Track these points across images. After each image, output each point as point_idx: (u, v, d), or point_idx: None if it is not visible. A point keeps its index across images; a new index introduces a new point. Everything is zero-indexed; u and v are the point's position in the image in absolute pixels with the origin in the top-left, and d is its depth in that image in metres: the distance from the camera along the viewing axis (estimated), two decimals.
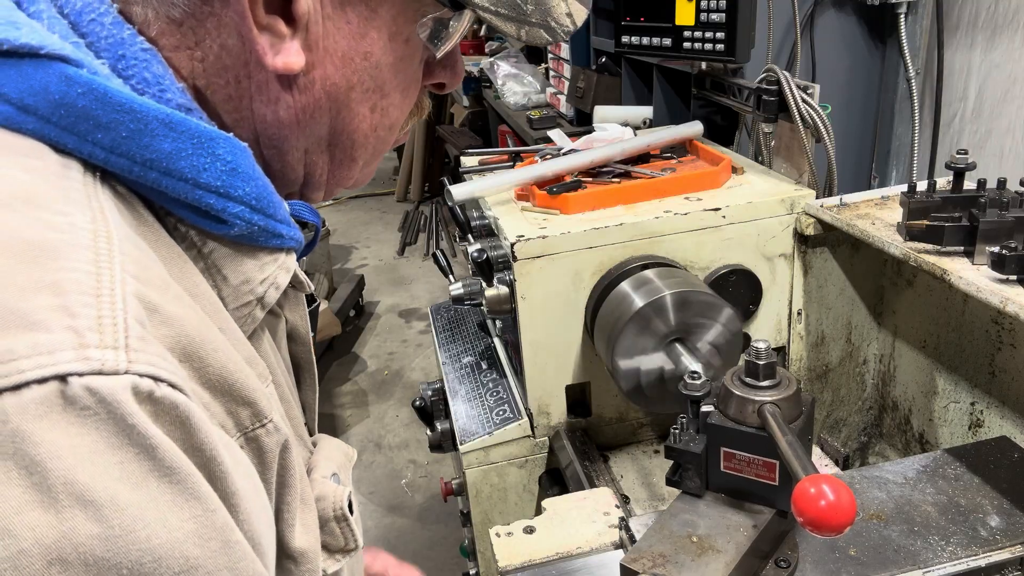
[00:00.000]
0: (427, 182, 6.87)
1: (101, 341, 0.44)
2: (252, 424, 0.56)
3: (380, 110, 0.69)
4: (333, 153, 0.70)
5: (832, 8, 1.95)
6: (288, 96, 0.63)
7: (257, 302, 0.63)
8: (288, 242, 0.65)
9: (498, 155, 1.85)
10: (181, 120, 0.55)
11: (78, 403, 0.42)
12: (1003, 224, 1.04)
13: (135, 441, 0.43)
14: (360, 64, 0.65)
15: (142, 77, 0.56)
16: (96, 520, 0.41)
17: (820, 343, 1.51)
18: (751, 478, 0.90)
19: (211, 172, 0.57)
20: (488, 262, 1.48)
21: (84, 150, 0.53)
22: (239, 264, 0.62)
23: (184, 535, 0.45)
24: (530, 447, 1.46)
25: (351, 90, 0.66)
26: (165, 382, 0.46)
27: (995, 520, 0.95)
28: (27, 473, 0.40)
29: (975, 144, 1.98)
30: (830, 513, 0.68)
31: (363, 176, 0.76)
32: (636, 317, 1.19)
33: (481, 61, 4.85)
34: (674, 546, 0.88)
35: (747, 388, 0.89)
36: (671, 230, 1.35)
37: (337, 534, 0.76)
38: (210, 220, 0.59)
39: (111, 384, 0.43)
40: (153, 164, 0.55)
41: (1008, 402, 1.24)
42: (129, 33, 0.57)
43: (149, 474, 0.44)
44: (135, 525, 0.43)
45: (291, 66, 0.61)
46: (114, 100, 0.53)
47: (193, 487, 0.46)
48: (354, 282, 4.83)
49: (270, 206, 0.62)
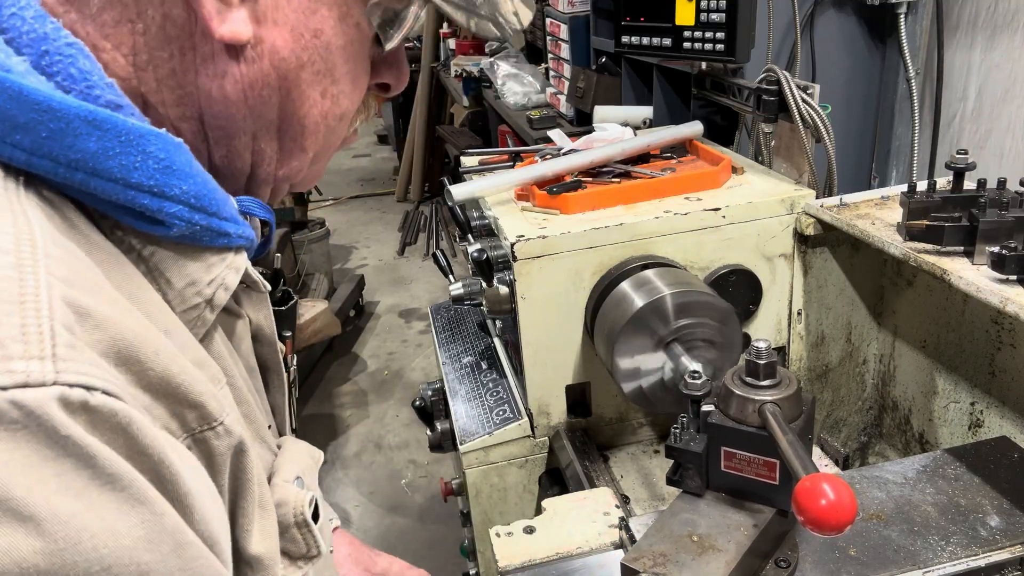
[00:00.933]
0: (427, 182, 6.87)
1: (26, 351, 0.42)
2: (200, 426, 0.55)
3: (331, 97, 0.68)
4: (282, 140, 0.67)
5: (832, 8, 1.95)
6: (235, 68, 0.61)
7: (206, 304, 0.61)
8: (236, 240, 0.63)
9: (498, 155, 1.85)
10: (106, 117, 0.53)
11: (5, 418, 0.41)
12: (1003, 224, 1.04)
13: (71, 452, 0.42)
14: (310, 41, 0.64)
15: (68, 73, 0.53)
16: (37, 534, 0.40)
17: (820, 343, 1.51)
18: (752, 477, 0.90)
19: (142, 171, 0.55)
20: (488, 262, 1.48)
21: (3, 153, 0.51)
22: (182, 267, 0.60)
23: (133, 541, 0.44)
24: (530, 447, 1.46)
25: (301, 69, 0.64)
26: (98, 390, 0.44)
27: (995, 520, 0.95)
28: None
29: (975, 144, 1.98)
30: (831, 512, 0.68)
31: (312, 173, 0.73)
32: (636, 317, 1.19)
33: (481, 61, 4.85)
34: (675, 545, 0.88)
35: (748, 387, 0.88)
36: (671, 230, 1.35)
37: (298, 540, 0.74)
38: (147, 221, 0.57)
39: (38, 396, 0.42)
40: (79, 165, 0.52)
41: (1008, 402, 1.24)
42: (52, 27, 0.54)
43: (90, 483, 0.43)
44: (80, 536, 0.42)
45: (238, 35, 0.59)
46: (31, 99, 0.50)
47: (138, 492, 0.45)
48: (354, 282, 4.83)
49: (212, 203, 0.59)
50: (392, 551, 1.09)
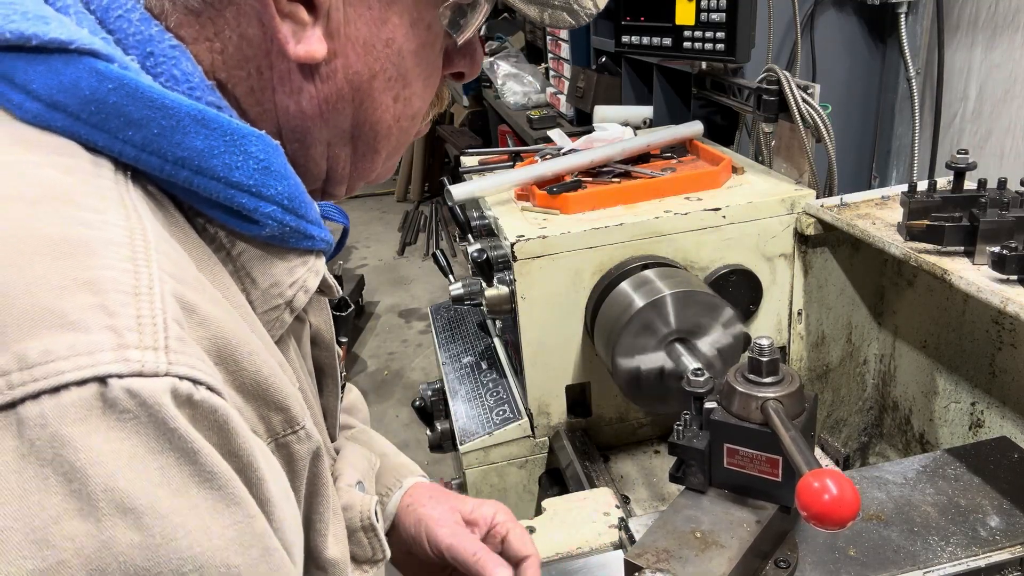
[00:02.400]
0: (427, 182, 6.87)
1: (141, 341, 0.43)
2: (284, 430, 0.55)
3: (403, 100, 0.68)
4: (356, 145, 0.68)
5: (832, 8, 1.95)
6: (310, 86, 0.62)
7: (286, 306, 0.62)
8: (319, 244, 0.63)
9: (498, 155, 1.85)
10: (214, 117, 0.54)
11: (118, 406, 0.41)
12: (1003, 224, 1.04)
13: (176, 446, 0.42)
14: (382, 51, 0.64)
15: (171, 75, 0.55)
16: (136, 528, 0.40)
17: (820, 343, 1.51)
18: (754, 474, 0.90)
19: (243, 170, 0.55)
20: (488, 262, 1.48)
21: (115, 148, 0.52)
22: (268, 267, 0.60)
23: (225, 542, 0.44)
24: (530, 447, 1.46)
25: (374, 79, 0.64)
26: (204, 385, 0.44)
27: (995, 520, 0.95)
28: (66, 480, 0.39)
29: (975, 144, 1.97)
30: (834, 507, 0.68)
31: (385, 170, 0.74)
32: (636, 317, 1.19)
33: None
34: (678, 541, 0.88)
35: (750, 384, 0.89)
36: (671, 230, 1.35)
37: (364, 544, 0.75)
38: (241, 220, 0.57)
39: (151, 386, 0.42)
40: (185, 162, 0.53)
41: (1008, 402, 1.24)
42: (157, 29, 0.55)
43: (190, 480, 0.43)
44: (176, 532, 0.41)
45: (313, 54, 0.59)
46: (145, 96, 0.51)
47: (233, 493, 0.45)
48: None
49: (302, 206, 0.60)
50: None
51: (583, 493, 1.20)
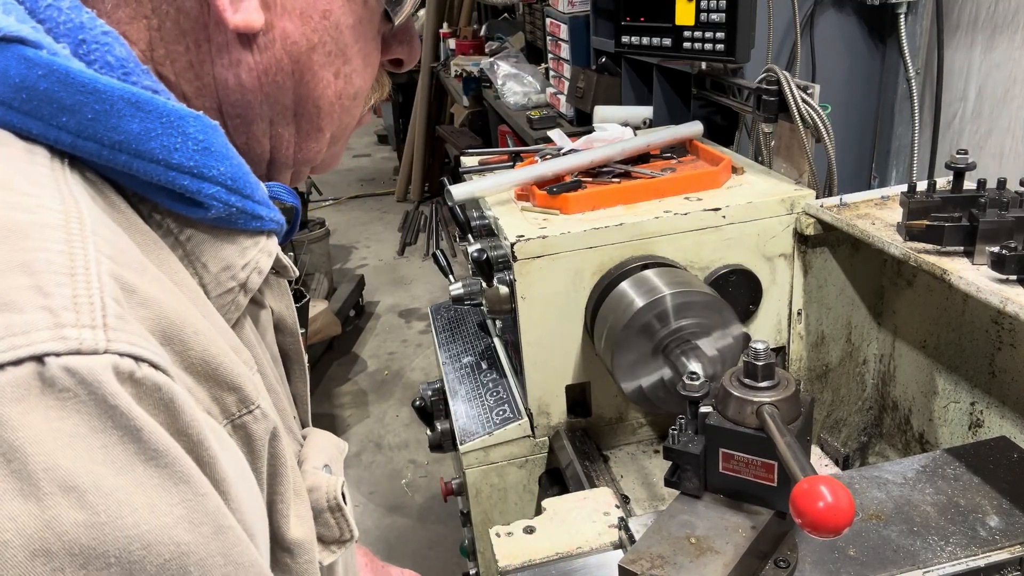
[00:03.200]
0: (427, 182, 6.87)
1: (78, 320, 0.42)
2: (239, 410, 0.54)
3: (344, 76, 0.68)
4: (299, 124, 0.68)
5: (832, 8, 1.95)
6: (249, 57, 0.62)
7: (240, 288, 0.61)
8: (268, 224, 0.63)
9: (498, 155, 1.85)
10: (148, 99, 0.54)
11: (57, 385, 0.40)
12: (1003, 224, 1.04)
13: (119, 423, 0.42)
14: (319, 23, 0.64)
15: (105, 61, 0.54)
16: (80, 507, 0.40)
17: (820, 343, 1.51)
18: (750, 479, 0.90)
19: (183, 152, 0.55)
20: (488, 262, 1.48)
21: (50, 135, 0.52)
22: (219, 250, 0.60)
23: (174, 520, 0.43)
24: (530, 447, 1.46)
25: (312, 51, 0.65)
26: (146, 362, 0.44)
27: (994, 520, 0.95)
28: (5, 460, 0.39)
29: (975, 144, 1.98)
30: (828, 514, 0.68)
31: (331, 156, 0.74)
32: (636, 317, 1.19)
33: (481, 61, 4.85)
34: (672, 547, 0.87)
35: (746, 389, 0.88)
36: (671, 230, 1.35)
37: (332, 525, 0.74)
38: (186, 203, 0.57)
39: (91, 364, 0.41)
40: (122, 146, 0.53)
41: (1008, 402, 1.24)
42: (88, 16, 0.55)
43: (134, 457, 0.42)
44: (121, 511, 0.41)
45: (251, 23, 0.60)
46: (77, 81, 0.51)
47: (182, 470, 0.44)
48: (354, 282, 4.83)
49: (247, 186, 0.60)
50: (392, 551, 1.10)
51: (583, 493, 1.20)
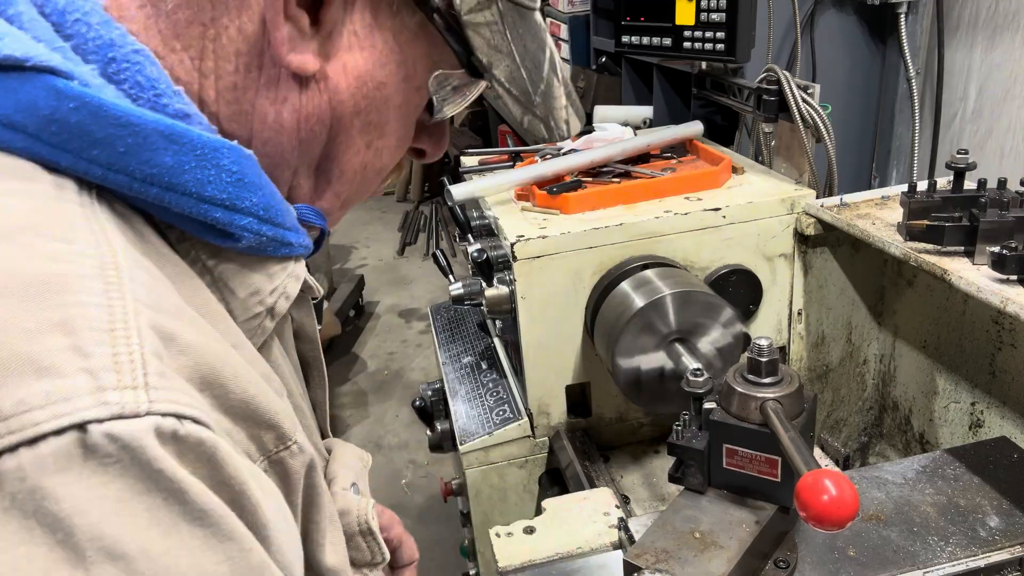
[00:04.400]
0: (427, 182, 6.87)
1: (119, 382, 0.41)
2: (276, 447, 0.54)
3: (375, 149, 0.68)
4: (318, 179, 0.67)
5: (832, 8, 1.95)
6: (296, 96, 0.60)
7: (267, 313, 0.61)
8: (297, 250, 0.62)
9: (498, 155, 1.85)
10: (183, 132, 0.52)
11: (99, 452, 0.40)
12: (1003, 224, 1.04)
13: (162, 486, 0.41)
14: (371, 92, 0.63)
15: (135, 81, 0.52)
16: (128, 573, 0.39)
17: (820, 343, 1.51)
18: (753, 474, 0.90)
19: (216, 184, 0.54)
20: (488, 262, 1.48)
21: (79, 168, 0.50)
22: (247, 277, 0.59)
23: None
24: (530, 447, 1.46)
25: (356, 116, 0.64)
26: (188, 418, 0.43)
27: (994, 520, 0.95)
28: (51, 531, 0.38)
29: (975, 144, 1.97)
30: (833, 507, 0.68)
31: (334, 218, 0.73)
32: (636, 317, 1.19)
33: None
34: (677, 542, 0.88)
35: (749, 385, 0.89)
36: (671, 230, 1.35)
37: (363, 548, 0.74)
38: (216, 234, 0.56)
39: (133, 428, 0.40)
40: (154, 179, 0.51)
41: (1008, 402, 1.24)
42: (118, 33, 0.53)
43: (180, 519, 0.42)
44: (169, 573, 0.41)
45: (305, 65, 0.59)
46: (110, 114, 0.49)
47: (227, 528, 0.44)
48: (354, 282, 4.83)
49: (279, 215, 0.59)
50: None
51: (583, 493, 1.20)
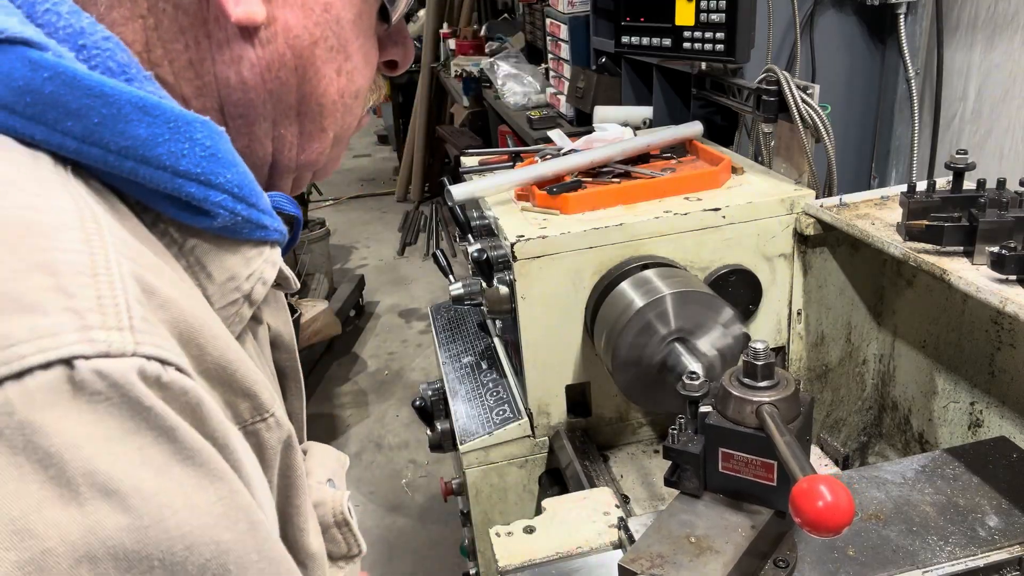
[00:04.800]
0: (427, 182, 6.87)
1: (104, 322, 0.41)
2: (252, 417, 0.54)
3: (346, 73, 0.67)
4: (302, 123, 0.66)
5: (832, 8, 1.95)
6: (251, 51, 0.60)
7: (244, 299, 0.60)
8: (272, 234, 0.62)
9: (498, 155, 1.85)
10: (156, 104, 0.52)
11: (88, 388, 0.40)
12: (1003, 224, 1.04)
13: (153, 424, 0.41)
14: (321, 16, 0.63)
15: (107, 67, 0.53)
16: (123, 510, 0.39)
17: (820, 343, 1.52)
18: (749, 479, 0.90)
19: (190, 158, 0.53)
20: (488, 262, 1.48)
21: (53, 141, 0.50)
22: (223, 260, 0.58)
23: (214, 518, 0.43)
24: (530, 447, 1.46)
25: (315, 46, 0.63)
26: (172, 365, 0.43)
27: (993, 520, 0.95)
28: (42, 467, 0.38)
29: (975, 144, 1.97)
30: (828, 514, 0.68)
31: (332, 159, 0.72)
32: (636, 317, 1.19)
33: (481, 61, 4.85)
34: (672, 546, 0.88)
35: (745, 389, 0.88)
36: (671, 230, 1.35)
37: (339, 540, 0.74)
38: (191, 212, 0.56)
39: (120, 366, 0.41)
40: (128, 152, 0.51)
41: (1008, 402, 1.24)
42: (88, 21, 0.53)
43: (171, 458, 0.42)
44: (163, 512, 0.41)
45: (253, 16, 0.58)
46: (84, 84, 0.49)
47: (216, 468, 0.44)
48: (354, 282, 4.83)
49: (252, 195, 0.59)
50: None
51: (583, 493, 1.20)
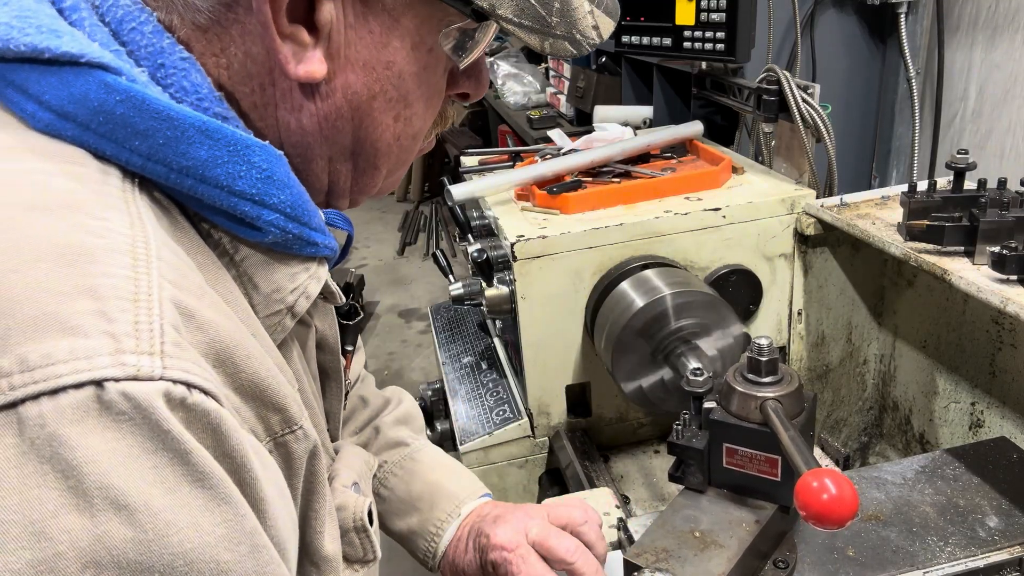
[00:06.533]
0: (427, 182, 6.87)
1: (137, 347, 0.45)
2: (281, 430, 0.57)
3: (403, 120, 0.69)
4: (356, 162, 0.70)
5: (832, 8, 1.95)
6: (311, 104, 0.64)
7: (287, 311, 0.64)
8: (322, 251, 0.65)
9: (498, 155, 1.85)
10: (217, 128, 0.56)
11: (114, 408, 0.43)
12: (1003, 224, 1.04)
13: (169, 446, 0.44)
14: (382, 73, 0.65)
15: (180, 86, 0.57)
16: (130, 524, 0.42)
17: (820, 343, 1.51)
18: (753, 474, 0.90)
19: (246, 179, 0.58)
20: (488, 262, 1.48)
21: (122, 157, 0.55)
22: (270, 272, 0.62)
23: (215, 539, 0.45)
24: (530, 447, 1.46)
25: (373, 99, 0.66)
26: (198, 388, 0.46)
27: (993, 521, 0.95)
28: (64, 477, 0.41)
29: (975, 144, 1.97)
30: (833, 506, 0.68)
31: (387, 184, 0.76)
32: (636, 317, 1.19)
33: None
34: (677, 541, 0.88)
35: (749, 384, 0.89)
36: (671, 230, 1.35)
37: (356, 544, 0.77)
38: (245, 227, 0.60)
39: (146, 390, 0.44)
40: (189, 171, 0.56)
41: (1008, 402, 1.24)
42: (169, 42, 0.58)
43: (182, 479, 0.45)
44: (168, 529, 0.43)
45: (313, 74, 0.61)
46: (151, 107, 0.54)
47: (224, 492, 0.47)
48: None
49: (305, 214, 0.62)
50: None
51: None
